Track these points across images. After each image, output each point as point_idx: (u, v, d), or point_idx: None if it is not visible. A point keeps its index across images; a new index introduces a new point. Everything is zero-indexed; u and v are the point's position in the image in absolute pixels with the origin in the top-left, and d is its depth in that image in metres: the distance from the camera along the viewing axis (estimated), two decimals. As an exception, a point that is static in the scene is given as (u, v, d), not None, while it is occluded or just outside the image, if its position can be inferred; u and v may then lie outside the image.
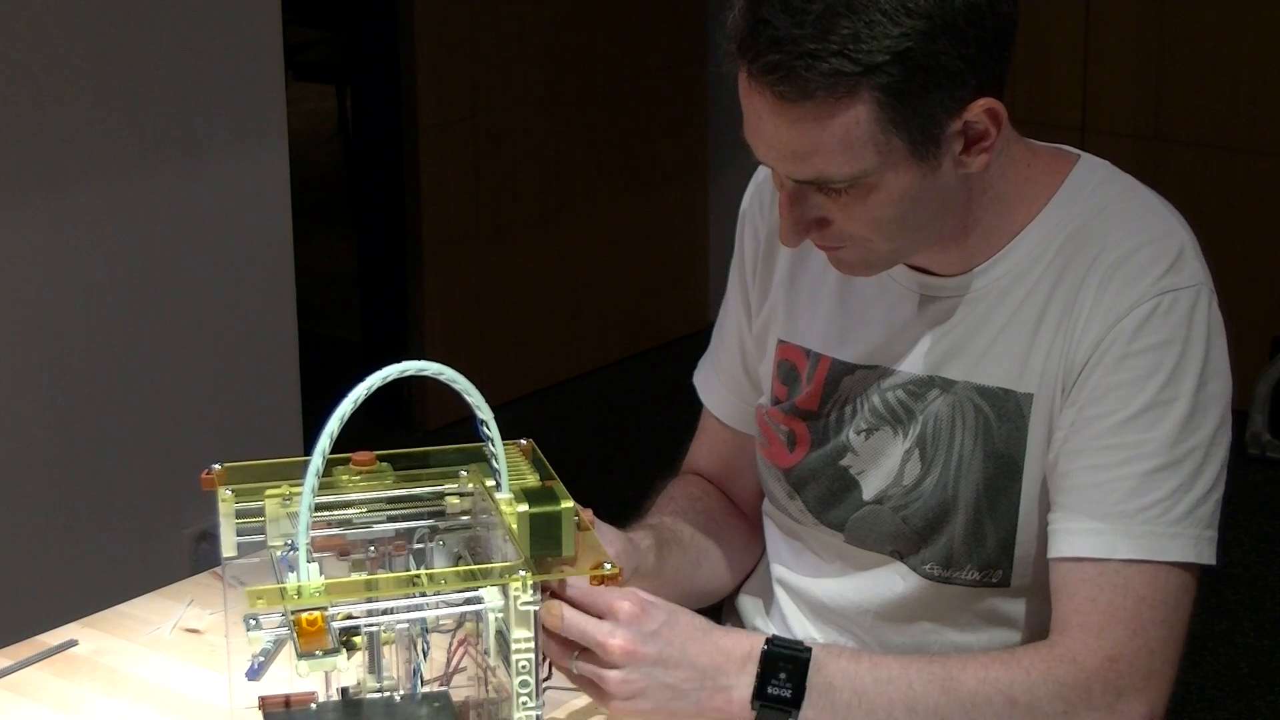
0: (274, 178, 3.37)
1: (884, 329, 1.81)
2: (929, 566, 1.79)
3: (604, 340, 4.99)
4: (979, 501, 1.76)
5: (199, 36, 3.20)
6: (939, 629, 1.81)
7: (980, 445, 1.75)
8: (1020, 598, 1.78)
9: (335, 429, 1.46)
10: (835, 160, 1.62)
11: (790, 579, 1.91)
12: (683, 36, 5.04)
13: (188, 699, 1.73)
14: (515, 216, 4.73)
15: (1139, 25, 4.56)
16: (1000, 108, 1.65)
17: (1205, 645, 3.58)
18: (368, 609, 1.48)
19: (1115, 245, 1.71)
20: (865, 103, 1.59)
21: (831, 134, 1.60)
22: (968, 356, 1.76)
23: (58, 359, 3.11)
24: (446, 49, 4.48)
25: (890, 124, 1.60)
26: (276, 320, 3.43)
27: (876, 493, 1.81)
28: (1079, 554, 1.67)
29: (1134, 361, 1.68)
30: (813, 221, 1.69)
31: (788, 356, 1.88)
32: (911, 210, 1.67)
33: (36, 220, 3.04)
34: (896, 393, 1.80)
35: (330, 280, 5.32)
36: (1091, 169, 1.77)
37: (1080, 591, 1.67)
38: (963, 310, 1.77)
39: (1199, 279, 1.70)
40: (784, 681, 1.62)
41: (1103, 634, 1.65)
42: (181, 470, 3.10)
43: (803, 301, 1.87)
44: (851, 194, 1.65)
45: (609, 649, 1.58)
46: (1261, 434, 4.33)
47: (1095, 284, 1.70)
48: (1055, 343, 1.72)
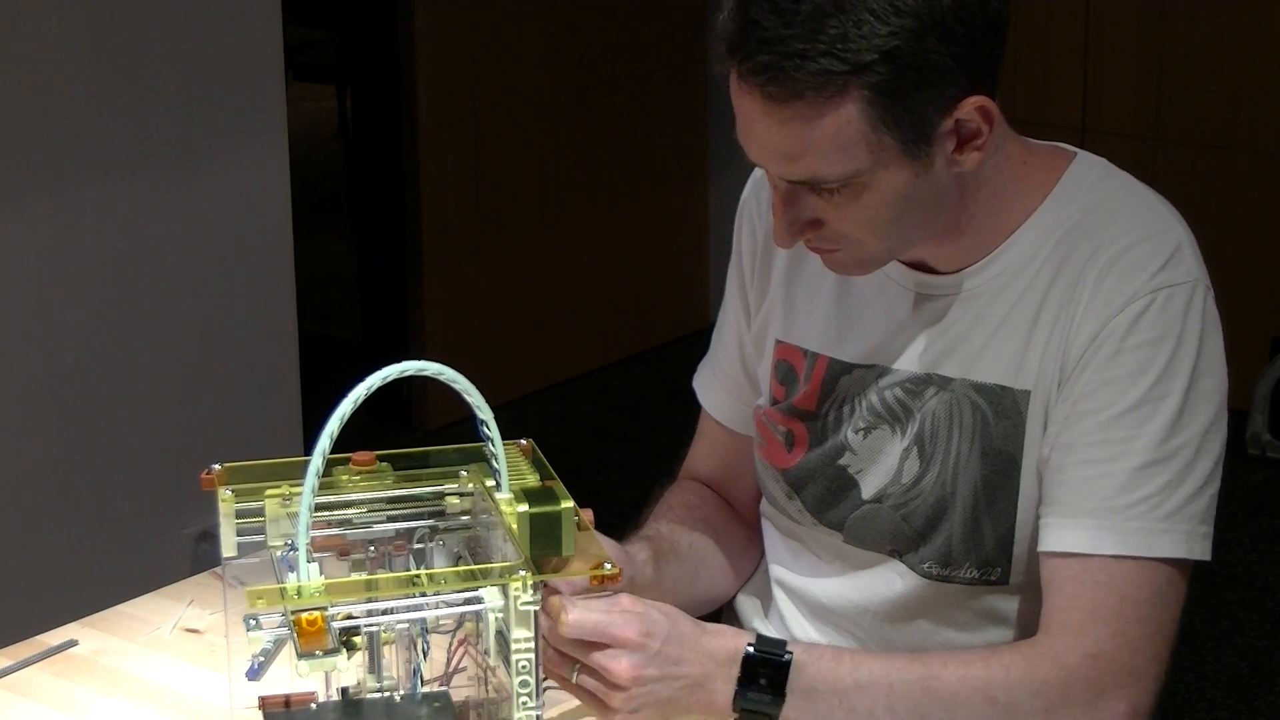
0: (274, 178, 3.37)
1: (881, 328, 1.81)
2: (927, 565, 1.79)
3: (604, 340, 4.99)
4: (977, 499, 1.76)
5: (199, 36, 3.20)
6: (938, 628, 1.81)
7: (978, 443, 1.75)
8: (1019, 595, 1.78)
9: (335, 429, 1.46)
10: (827, 160, 1.62)
11: (789, 580, 1.91)
12: (683, 37, 5.04)
13: (188, 699, 1.73)
14: (515, 216, 4.73)
15: (1139, 25, 4.56)
16: (992, 105, 1.65)
17: (1205, 645, 3.58)
18: (368, 609, 1.48)
19: (1111, 241, 1.71)
20: (855, 101, 1.59)
21: (822, 134, 1.60)
22: (964, 354, 1.77)
23: (58, 359, 3.11)
24: (446, 49, 4.47)
25: (881, 123, 1.60)
26: (276, 320, 3.43)
27: (875, 491, 1.81)
28: (1065, 549, 1.68)
29: (1127, 357, 1.68)
30: (806, 223, 1.69)
31: (785, 357, 1.88)
32: (905, 209, 1.67)
33: (36, 220, 3.04)
34: (894, 391, 1.80)
35: (330, 280, 5.31)
36: (1088, 166, 1.78)
37: (1064, 588, 1.68)
38: (959, 308, 1.77)
39: (1195, 275, 1.70)
40: (764, 687, 1.64)
41: (1084, 631, 1.66)
42: (181, 470, 3.10)
43: (800, 301, 1.87)
44: (844, 194, 1.65)
45: (615, 673, 1.59)
46: (1261, 434, 4.33)
47: (1091, 280, 1.70)
48: (1052, 339, 1.72)
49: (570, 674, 1.60)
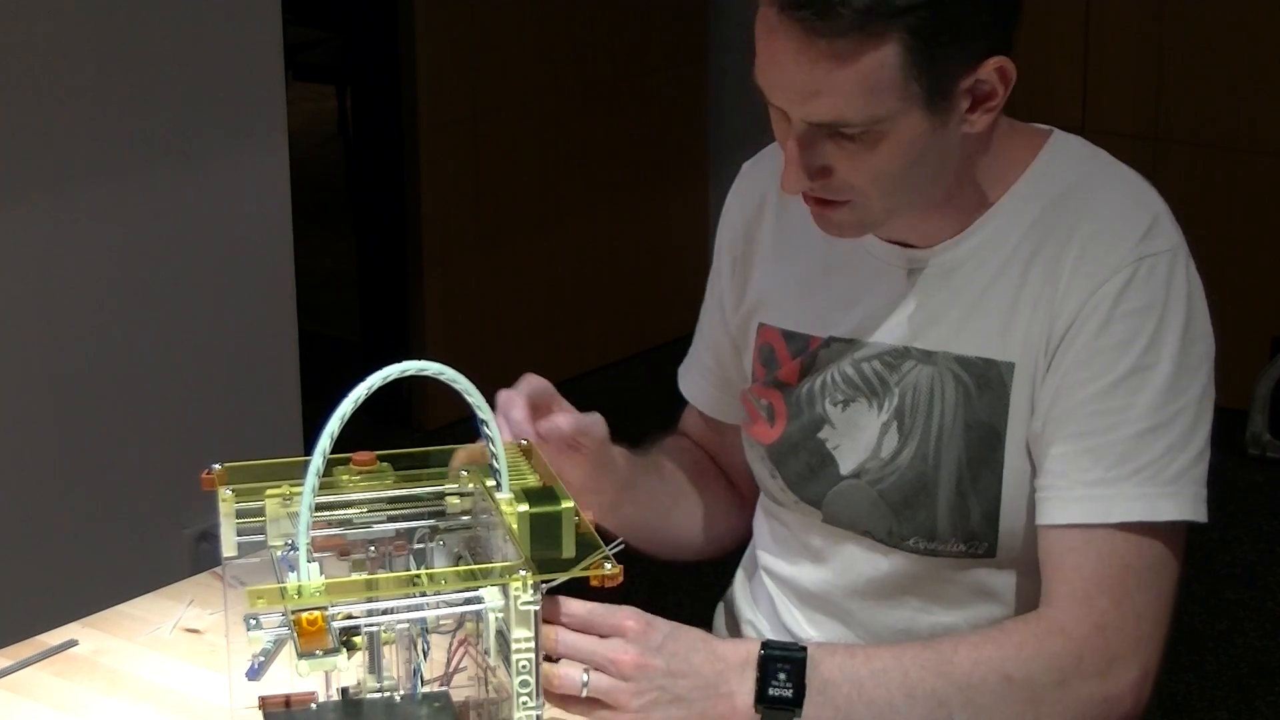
0: (274, 178, 3.37)
1: (861, 303, 1.83)
2: (913, 540, 1.80)
3: (604, 340, 4.99)
4: (961, 473, 1.77)
5: (199, 36, 3.20)
6: (927, 606, 1.82)
7: (961, 416, 1.77)
8: (1007, 570, 1.80)
9: (335, 429, 1.46)
10: (854, 102, 1.63)
11: (776, 567, 1.93)
12: (683, 36, 5.05)
13: (188, 699, 1.73)
14: (515, 216, 4.73)
15: (1139, 25, 4.57)
16: (1011, 68, 1.68)
17: (1205, 645, 3.58)
18: (368, 609, 1.48)
19: (1093, 214, 1.74)
20: (894, 44, 1.61)
21: (855, 74, 1.62)
22: (944, 327, 1.78)
23: (58, 359, 3.11)
24: (446, 49, 4.48)
25: (914, 69, 1.63)
26: (276, 320, 3.43)
27: (854, 467, 1.83)
28: (1070, 520, 1.70)
29: (1116, 327, 1.70)
30: (817, 169, 1.70)
31: (768, 340, 1.90)
32: (915, 165, 1.69)
33: (37, 220, 3.04)
34: (872, 364, 1.82)
35: (330, 280, 5.32)
36: (1066, 142, 1.81)
37: (1067, 560, 1.69)
38: (938, 281, 1.79)
39: (1174, 242, 1.73)
40: (784, 682, 1.63)
41: (1089, 603, 1.68)
42: (181, 470, 3.10)
43: (783, 285, 1.89)
44: (862, 141, 1.66)
45: (621, 664, 1.59)
46: (1261, 434, 4.33)
47: (1075, 252, 1.73)
48: (1037, 311, 1.74)
49: (580, 688, 1.59)
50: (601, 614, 1.60)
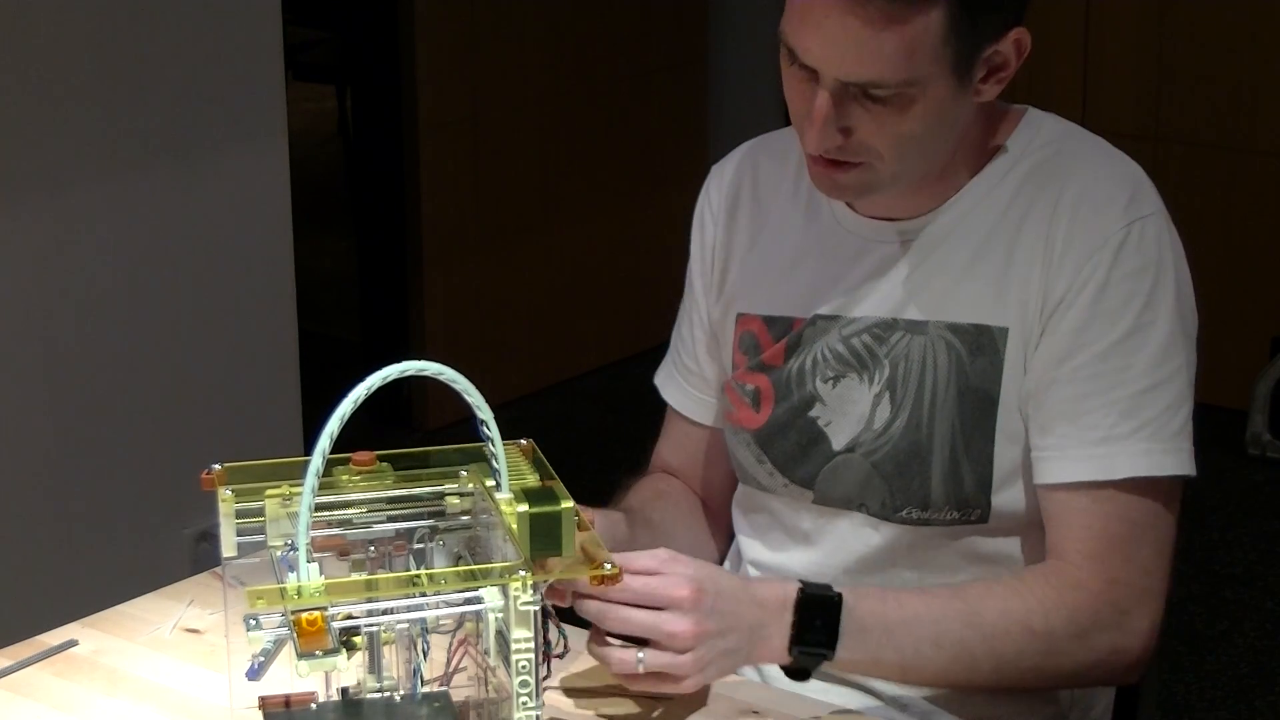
0: (274, 178, 3.37)
1: (844, 279, 1.85)
2: (907, 511, 1.82)
3: (604, 340, 4.99)
4: (954, 440, 1.79)
5: (199, 36, 3.20)
6: (921, 575, 1.84)
7: (954, 382, 1.79)
8: (998, 536, 1.82)
9: (335, 429, 1.46)
10: (894, 64, 1.66)
11: (764, 557, 1.94)
12: (683, 36, 5.05)
13: (188, 699, 1.73)
14: (515, 217, 4.73)
15: (1139, 25, 4.57)
16: (1027, 40, 1.71)
17: (1205, 645, 3.58)
18: (368, 609, 1.48)
19: (1078, 180, 1.77)
20: (940, 9, 1.64)
21: (900, 36, 1.64)
22: (931, 295, 1.80)
23: (58, 358, 3.11)
24: (446, 49, 4.48)
25: (952, 34, 1.66)
26: (276, 320, 3.43)
27: (848, 441, 1.84)
28: (1077, 478, 1.74)
29: (1115, 289, 1.74)
30: (838, 130, 1.72)
31: (748, 328, 1.91)
32: (934, 131, 1.72)
33: (37, 220, 3.04)
34: (860, 338, 1.83)
35: (330, 280, 5.32)
36: (1040, 116, 1.85)
37: (1076, 519, 1.75)
38: (921, 252, 1.81)
39: (1158, 205, 1.78)
40: (820, 627, 1.68)
41: (1101, 559, 1.73)
42: (181, 470, 3.10)
43: (760, 273, 1.91)
44: (892, 104, 1.68)
45: (679, 637, 1.61)
46: (1261, 434, 4.33)
47: (1066, 217, 1.76)
48: (1032, 276, 1.77)
49: (636, 664, 1.61)
50: (655, 587, 1.62)
